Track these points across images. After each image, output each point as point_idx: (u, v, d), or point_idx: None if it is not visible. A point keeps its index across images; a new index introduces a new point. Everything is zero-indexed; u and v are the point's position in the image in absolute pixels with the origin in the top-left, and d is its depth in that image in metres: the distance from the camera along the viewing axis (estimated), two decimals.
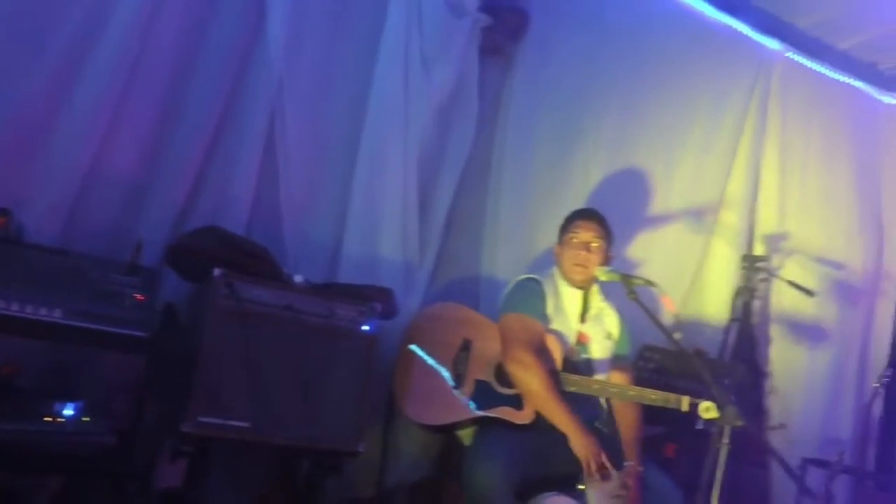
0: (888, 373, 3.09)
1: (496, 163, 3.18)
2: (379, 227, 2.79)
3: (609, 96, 3.34)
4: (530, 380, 2.36)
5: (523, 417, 2.39)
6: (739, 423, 2.07)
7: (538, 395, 2.36)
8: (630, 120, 3.41)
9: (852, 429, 3.31)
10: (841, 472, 2.95)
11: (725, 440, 2.08)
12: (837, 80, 3.82)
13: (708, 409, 2.10)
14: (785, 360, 3.50)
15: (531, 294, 2.54)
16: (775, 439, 3.43)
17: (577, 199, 3.16)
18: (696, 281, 3.57)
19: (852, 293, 3.45)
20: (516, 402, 2.42)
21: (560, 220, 2.72)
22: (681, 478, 2.58)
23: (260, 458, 2.24)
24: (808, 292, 3.14)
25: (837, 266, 3.47)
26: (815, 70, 3.77)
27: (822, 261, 3.49)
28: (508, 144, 3.16)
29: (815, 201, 3.56)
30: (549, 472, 2.39)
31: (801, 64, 3.73)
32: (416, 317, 2.61)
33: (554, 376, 2.41)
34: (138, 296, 1.97)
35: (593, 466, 2.28)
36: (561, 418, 2.33)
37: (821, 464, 3.08)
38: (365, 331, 2.25)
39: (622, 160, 3.46)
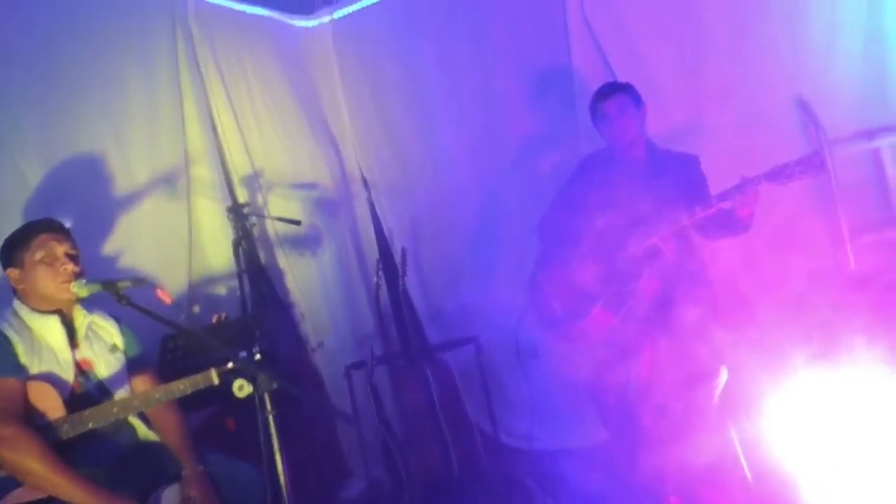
0: (380, 263, 3.48)
1: None
2: None
3: (11, 88, 2.84)
4: (21, 459, 1.95)
5: (35, 492, 1.96)
6: (275, 385, 2.04)
7: (37, 475, 1.95)
8: (59, 106, 2.99)
9: (372, 322, 3.70)
10: (377, 364, 3.30)
11: (269, 408, 2.05)
12: (252, 14, 3.88)
13: (241, 388, 2.03)
14: (301, 285, 3.68)
15: None
16: (320, 359, 3.65)
17: (14, 212, 2.67)
18: (193, 246, 3.45)
19: (331, 205, 3.75)
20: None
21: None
22: (251, 448, 2.52)
23: None
24: (295, 222, 3.30)
25: (311, 187, 3.71)
26: (228, 8, 3.75)
27: (297, 186, 3.69)
28: None
29: (274, 135, 3.68)
30: None
31: (213, 4, 3.66)
32: None
33: (50, 434, 2.01)
34: None
35: None
36: (74, 493, 1.97)
37: (360, 365, 3.39)
38: None
39: (61, 152, 3.03)
